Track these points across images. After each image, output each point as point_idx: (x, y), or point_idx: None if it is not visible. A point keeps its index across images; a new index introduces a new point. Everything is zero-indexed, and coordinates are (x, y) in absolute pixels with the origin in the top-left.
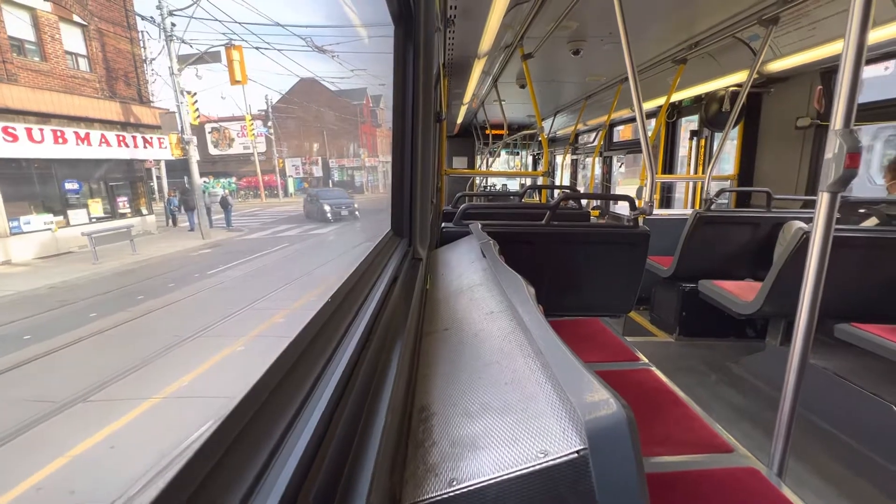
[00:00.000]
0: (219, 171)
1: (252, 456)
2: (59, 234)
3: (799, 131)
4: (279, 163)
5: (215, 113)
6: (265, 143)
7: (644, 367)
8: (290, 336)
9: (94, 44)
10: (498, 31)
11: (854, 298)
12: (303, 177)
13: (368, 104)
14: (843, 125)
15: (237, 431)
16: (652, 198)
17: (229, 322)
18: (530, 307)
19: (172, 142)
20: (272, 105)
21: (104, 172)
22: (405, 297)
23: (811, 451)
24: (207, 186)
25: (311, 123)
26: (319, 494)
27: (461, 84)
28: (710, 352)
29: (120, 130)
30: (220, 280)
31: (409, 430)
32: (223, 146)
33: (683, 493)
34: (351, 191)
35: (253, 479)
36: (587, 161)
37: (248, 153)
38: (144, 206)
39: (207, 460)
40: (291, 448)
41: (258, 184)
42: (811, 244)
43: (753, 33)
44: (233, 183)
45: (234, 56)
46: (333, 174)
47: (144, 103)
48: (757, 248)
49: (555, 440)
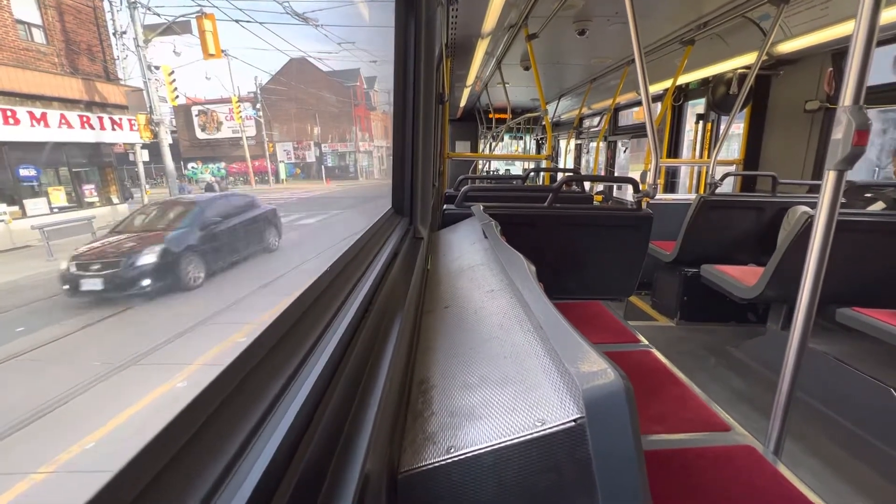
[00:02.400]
0: (207, 157)
1: (242, 417)
2: (14, 225)
3: (807, 115)
4: (269, 147)
5: (202, 95)
6: (255, 127)
7: (644, 349)
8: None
9: (51, 12)
10: (502, 10)
11: (857, 283)
12: (295, 162)
13: (362, 86)
14: (852, 101)
15: (225, 395)
16: (656, 181)
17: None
18: (531, 284)
19: (141, 123)
20: (261, 86)
21: (66, 157)
22: (405, 273)
23: (811, 433)
24: (195, 172)
25: (302, 106)
26: (313, 459)
27: (464, 65)
28: (710, 336)
29: (84, 110)
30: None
31: (409, 401)
32: (211, 130)
33: (681, 469)
34: (345, 176)
35: (243, 440)
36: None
37: (238, 137)
38: (116, 195)
39: (196, 418)
40: (284, 411)
41: (247, 169)
42: (815, 223)
43: (764, 13)
44: (222, 169)
45: (206, 26)
46: (327, 159)
47: (112, 81)
48: (761, 233)
49: (553, 409)
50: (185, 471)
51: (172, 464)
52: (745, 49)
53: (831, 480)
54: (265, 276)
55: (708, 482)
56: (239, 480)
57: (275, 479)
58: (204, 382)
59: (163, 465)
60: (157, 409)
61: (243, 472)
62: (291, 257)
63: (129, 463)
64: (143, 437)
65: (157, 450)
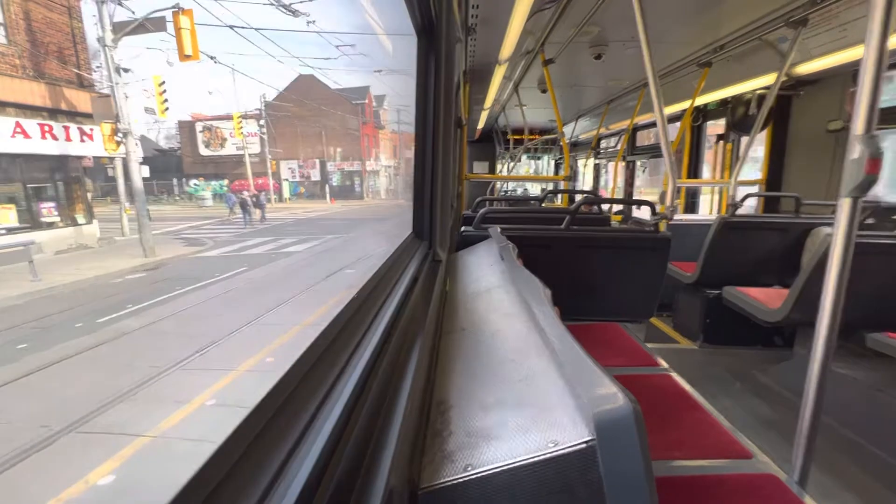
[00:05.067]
0: (209, 174)
1: (280, 442)
2: None
3: (830, 135)
4: (272, 165)
5: (207, 111)
6: (259, 144)
7: (663, 373)
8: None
9: (14, 9)
10: (519, 38)
11: (888, 307)
12: (299, 180)
13: (371, 104)
14: (864, 130)
15: (266, 419)
16: (674, 202)
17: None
18: (545, 308)
19: (105, 133)
20: (267, 102)
21: (21, 171)
22: (425, 297)
23: (841, 463)
24: (198, 189)
25: (308, 123)
26: (343, 476)
27: (482, 90)
28: (734, 360)
29: (47, 119)
30: (118, 329)
31: (428, 421)
32: (215, 146)
33: (700, 497)
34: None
35: (281, 462)
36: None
37: (242, 154)
38: (82, 214)
39: (241, 443)
40: (316, 435)
41: (248, 187)
42: (832, 250)
43: (781, 35)
44: (224, 186)
45: (184, 23)
46: (332, 178)
47: (86, 87)
48: (785, 255)
49: (565, 431)
50: (235, 487)
51: (219, 488)
52: (763, 70)
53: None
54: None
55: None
56: (280, 496)
57: (309, 496)
58: (241, 411)
59: (211, 490)
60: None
61: (282, 489)
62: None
63: (183, 487)
64: (195, 466)
65: (206, 475)
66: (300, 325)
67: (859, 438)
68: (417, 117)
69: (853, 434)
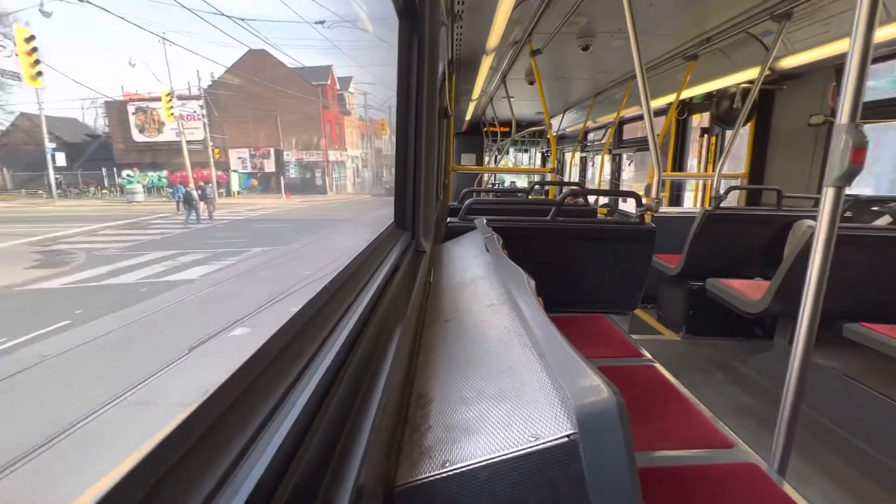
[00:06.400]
0: (146, 163)
1: (238, 431)
2: None
3: (812, 129)
4: (215, 153)
5: (143, 90)
6: (203, 130)
7: (647, 364)
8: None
9: None
10: (506, 27)
11: (864, 298)
12: (251, 171)
13: (334, 86)
14: (849, 119)
15: (224, 407)
16: (659, 195)
17: None
18: (530, 299)
19: None
20: (210, 80)
21: None
22: (406, 288)
23: (819, 451)
24: (132, 181)
25: (261, 106)
26: (308, 471)
27: (469, 80)
28: (717, 351)
29: None
30: None
31: (407, 415)
32: (151, 131)
33: (682, 487)
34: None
35: (238, 453)
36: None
37: (180, 141)
38: None
39: (186, 440)
40: (279, 424)
41: (186, 180)
42: (815, 240)
43: (766, 28)
44: (163, 178)
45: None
46: (288, 169)
47: None
48: (766, 247)
49: (547, 425)
50: (178, 485)
51: (168, 475)
52: (748, 64)
53: (839, 499)
54: None
55: (709, 500)
56: (230, 494)
57: (267, 492)
58: (199, 396)
59: (157, 478)
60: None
61: (235, 485)
62: None
63: (129, 472)
64: (143, 451)
65: (153, 461)
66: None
67: (836, 427)
68: (399, 102)
69: (830, 423)
